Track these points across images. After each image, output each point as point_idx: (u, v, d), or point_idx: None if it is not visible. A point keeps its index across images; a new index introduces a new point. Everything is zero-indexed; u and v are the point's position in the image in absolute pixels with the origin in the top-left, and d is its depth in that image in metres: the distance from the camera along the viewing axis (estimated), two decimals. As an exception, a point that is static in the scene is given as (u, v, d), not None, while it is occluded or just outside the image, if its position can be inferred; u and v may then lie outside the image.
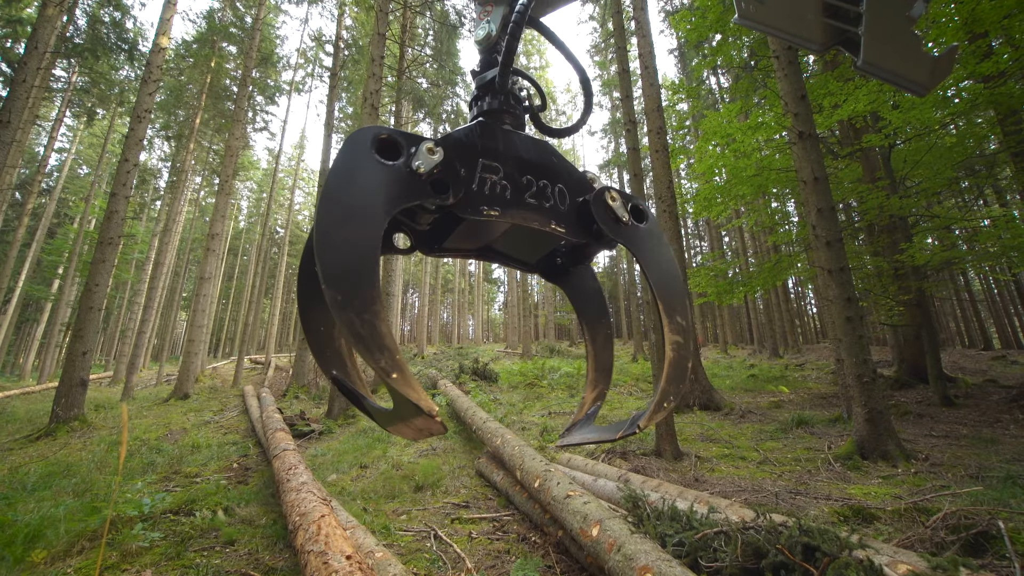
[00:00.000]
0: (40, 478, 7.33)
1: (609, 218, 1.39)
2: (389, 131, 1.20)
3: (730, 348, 30.98)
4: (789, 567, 2.62)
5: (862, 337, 7.40)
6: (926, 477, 6.31)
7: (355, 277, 1.05)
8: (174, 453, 9.05)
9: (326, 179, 1.11)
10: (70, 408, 11.23)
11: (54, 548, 4.37)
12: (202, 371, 22.66)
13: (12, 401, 18.15)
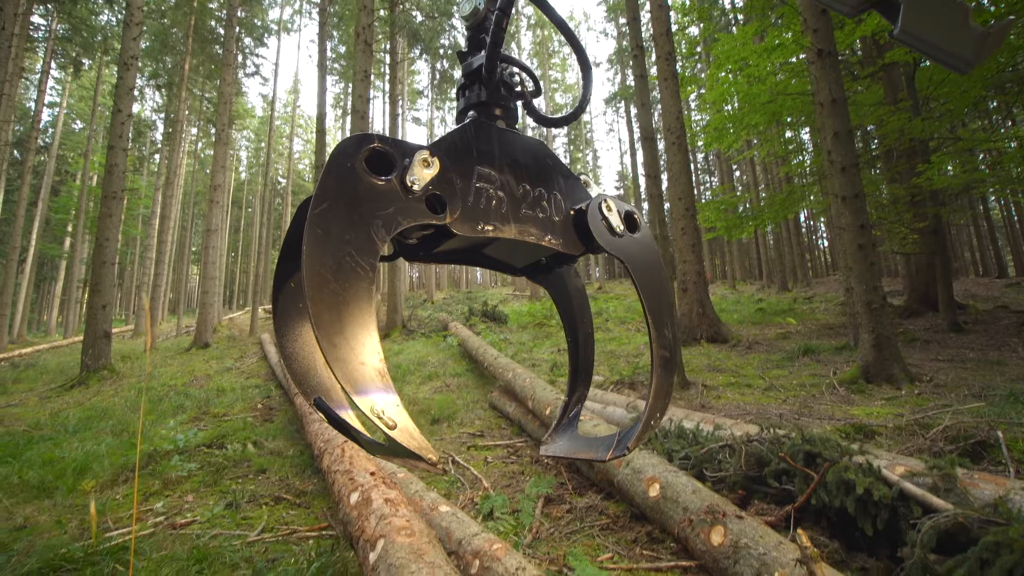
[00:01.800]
0: (79, 421, 7.76)
1: (605, 231, 1.35)
2: (379, 141, 1.09)
3: (738, 284, 30.97)
4: (790, 473, 2.76)
5: (873, 264, 7.34)
6: (929, 397, 6.45)
7: (347, 321, 0.97)
8: (201, 397, 9.47)
9: (312, 203, 0.97)
10: (98, 358, 11.68)
11: (100, 478, 4.71)
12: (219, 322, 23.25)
13: (43, 355, 18.91)
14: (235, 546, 3.25)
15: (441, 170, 1.13)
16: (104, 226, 12.17)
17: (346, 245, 0.99)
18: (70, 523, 3.85)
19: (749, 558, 2.13)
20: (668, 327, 1.35)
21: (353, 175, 1.03)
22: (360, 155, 1.05)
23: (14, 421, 8.29)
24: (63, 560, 3.07)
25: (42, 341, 23.47)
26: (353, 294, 0.99)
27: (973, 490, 2.26)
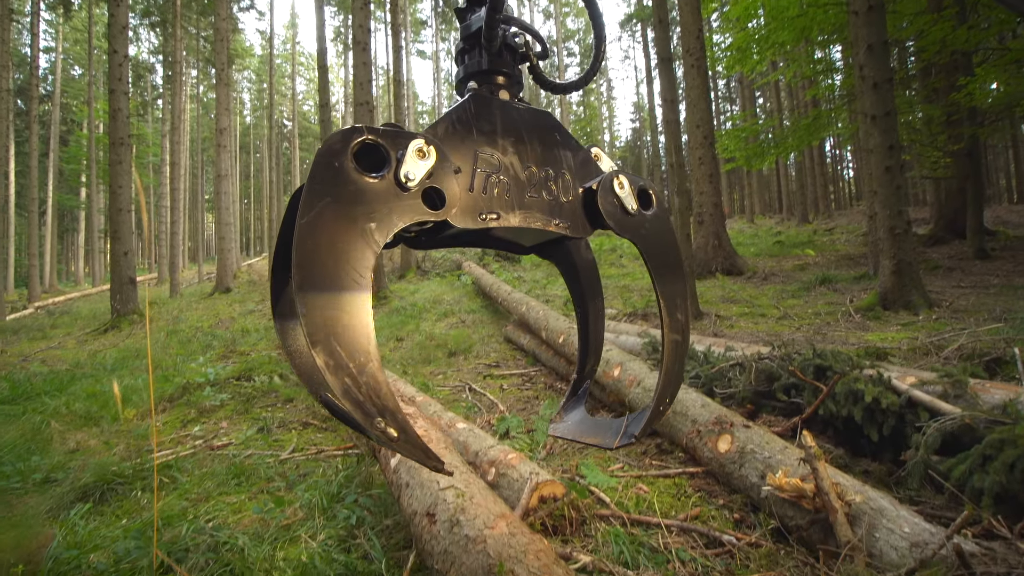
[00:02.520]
0: (116, 361, 8.18)
1: (617, 211, 1.27)
2: (369, 133, 0.99)
3: (757, 218, 30.19)
4: (799, 387, 2.80)
5: (899, 188, 7.04)
6: (947, 322, 6.38)
7: (347, 337, 0.92)
8: (227, 337, 9.84)
9: (299, 211, 0.91)
10: (126, 303, 12.09)
11: (141, 408, 5.02)
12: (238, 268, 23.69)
13: (75, 303, 19.67)
14: (268, 463, 3.48)
15: (439, 159, 1.03)
16: (115, 173, 12.18)
17: (339, 256, 0.92)
18: (117, 446, 4.16)
19: (754, 462, 2.21)
20: (681, 310, 1.32)
21: (342, 176, 0.93)
22: (348, 152, 0.95)
23: (56, 361, 8.78)
24: (115, 475, 3.33)
25: (72, 290, 24.34)
26: (349, 310, 0.92)
27: (983, 395, 2.27)
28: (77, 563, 2.27)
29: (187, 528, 2.46)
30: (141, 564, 2.22)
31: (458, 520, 1.40)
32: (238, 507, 2.86)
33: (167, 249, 22.62)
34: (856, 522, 1.72)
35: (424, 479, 1.72)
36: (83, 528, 2.68)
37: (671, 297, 1.32)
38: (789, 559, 1.83)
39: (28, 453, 3.92)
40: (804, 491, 1.82)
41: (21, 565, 2.13)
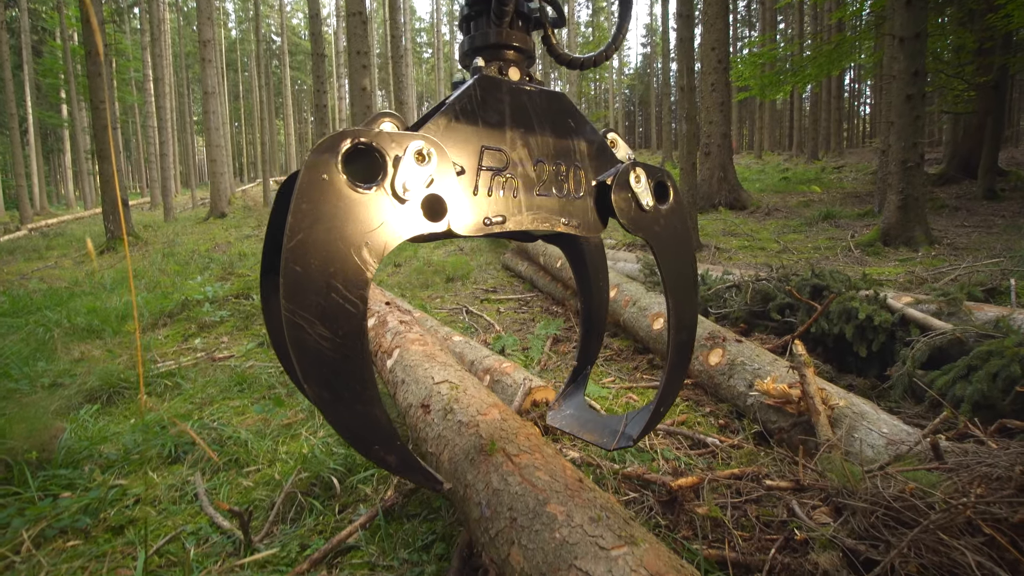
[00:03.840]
0: (114, 281, 8.19)
1: (631, 208, 1.18)
2: (362, 136, 0.86)
3: (765, 154, 29.33)
4: (794, 307, 2.81)
5: (919, 119, 6.74)
6: (945, 259, 6.36)
7: (339, 370, 0.86)
8: (225, 260, 9.81)
9: (288, 227, 0.80)
10: (119, 224, 11.93)
11: (142, 323, 5.08)
12: (232, 194, 23.22)
13: (68, 225, 19.43)
14: (270, 372, 3.57)
15: (440, 162, 0.93)
16: (95, 87, 11.55)
17: (331, 280, 0.84)
18: (120, 357, 4.24)
19: (744, 373, 2.27)
20: (689, 311, 1.27)
21: (331, 191, 0.84)
22: (337, 160, 0.84)
23: (54, 280, 8.79)
24: (120, 380, 3.42)
25: (64, 212, 23.98)
26: (343, 339, 0.85)
27: (977, 313, 2.29)
28: (89, 452, 2.37)
29: (192, 424, 2.56)
30: (150, 454, 2.32)
31: (452, 408, 1.44)
32: (241, 410, 2.96)
33: (157, 172, 22.02)
34: (837, 424, 1.78)
35: (419, 376, 1.77)
36: (93, 425, 2.79)
37: (680, 299, 1.26)
38: (768, 457, 1.91)
39: (34, 360, 4.01)
40: (790, 396, 1.87)
41: (35, 452, 2.23)
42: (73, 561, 1.59)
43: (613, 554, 0.84)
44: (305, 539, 1.69)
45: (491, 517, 1.06)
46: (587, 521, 0.93)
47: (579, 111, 1.22)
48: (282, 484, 1.96)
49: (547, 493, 1.02)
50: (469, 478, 1.16)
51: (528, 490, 1.04)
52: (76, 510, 1.86)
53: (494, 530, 1.03)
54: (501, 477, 1.11)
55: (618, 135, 1.37)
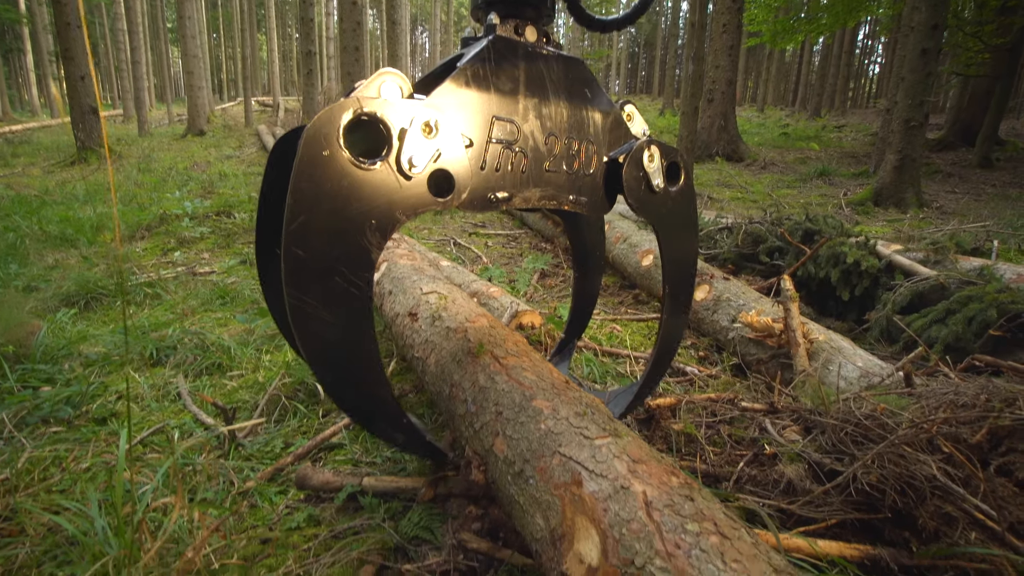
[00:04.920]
0: (87, 193, 7.84)
1: (641, 188, 1.15)
2: (365, 107, 0.78)
3: (767, 108, 28.64)
4: (783, 251, 2.83)
5: (930, 75, 6.56)
6: (932, 221, 6.42)
7: (344, 353, 0.85)
8: (204, 179, 9.43)
9: (288, 209, 0.73)
10: (90, 134, 11.29)
11: (118, 235, 4.92)
12: (211, 112, 22.02)
13: (34, 133, 18.32)
14: (253, 288, 3.52)
15: (448, 134, 0.87)
16: (57, -25, 10.51)
17: (335, 264, 0.81)
18: (98, 265, 4.13)
19: (728, 308, 2.30)
20: (685, 295, 1.28)
21: (332, 168, 0.78)
22: (338, 134, 0.78)
23: (23, 188, 8.39)
24: (97, 287, 3.35)
25: (30, 120, 22.54)
26: (347, 325, 0.84)
27: (963, 263, 2.33)
28: (68, 351, 2.34)
29: (174, 330, 2.53)
30: (131, 355, 2.30)
31: (440, 316, 1.44)
32: (223, 321, 2.94)
33: (129, 82, 20.64)
34: (814, 358, 1.83)
35: (407, 287, 1.74)
36: (71, 327, 2.74)
37: (680, 278, 1.26)
38: (743, 386, 1.98)
39: (5, 263, 3.88)
40: (772, 329, 1.91)
41: (11, 347, 2.19)
42: (57, 445, 1.60)
43: (597, 443, 0.86)
44: (289, 438, 1.72)
45: (476, 412, 1.07)
46: (572, 415, 0.94)
47: (596, 80, 1.16)
48: (266, 387, 1.97)
49: (533, 390, 1.04)
50: (456, 378, 1.17)
51: (515, 387, 1.05)
52: (58, 401, 1.85)
53: (479, 423, 1.05)
54: (488, 376, 1.11)
55: (635, 107, 1.31)
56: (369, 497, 1.32)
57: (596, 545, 0.71)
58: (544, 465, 0.86)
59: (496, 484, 0.98)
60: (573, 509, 0.77)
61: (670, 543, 0.65)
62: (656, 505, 0.71)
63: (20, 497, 1.34)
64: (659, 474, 0.77)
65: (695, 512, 0.69)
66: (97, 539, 1.04)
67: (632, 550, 0.67)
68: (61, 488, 1.40)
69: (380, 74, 0.88)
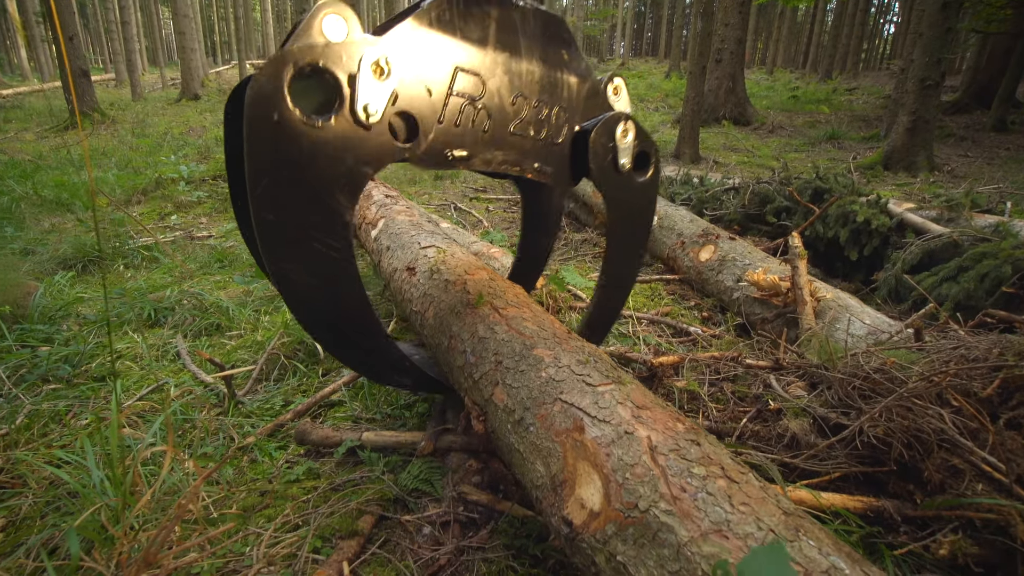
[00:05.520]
0: (82, 157, 7.71)
1: (607, 161, 1.09)
2: (307, 58, 0.70)
3: (777, 71, 27.75)
4: (791, 211, 2.75)
5: (950, 31, 6.28)
6: (943, 185, 6.28)
7: (338, 314, 0.88)
8: (200, 144, 9.25)
9: (248, 179, 0.70)
10: (83, 99, 11.04)
11: (114, 198, 4.85)
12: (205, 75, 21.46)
13: (26, 98, 17.92)
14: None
15: (404, 73, 0.81)
16: (37, -72, 10.02)
17: (308, 230, 0.79)
18: (92, 230, 4.08)
19: (733, 268, 2.25)
20: (620, 287, 1.32)
21: (285, 132, 0.72)
22: (283, 94, 0.71)
23: (16, 152, 8.25)
24: (95, 251, 3.31)
25: (20, 84, 22.01)
26: (334, 285, 0.83)
27: (978, 220, 2.27)
28: (65, 312, 2.33)
29: (172, 291, 2.50)
30: (127, 316, 2.29)
31: (438, 269, 1.40)
32: (222, 284, 2.91)
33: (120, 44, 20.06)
34: (821, 316, 1.79)
35: (405, 242, 1.70)
36: (68, 289, 2.72)
37: (619, 271, 1.28)
38: (746, 345, 1.95)
39: (1, 226, 3.83)
40: (779, 288, 1.87)
41: (8, 307, 2.17)
42: (56, 401, 1.59)
43: (600, 390, 0.84)
44: (288, 396, 1.72)
45: (475, 363, 1.05)
46: (574, 363, 0.92)
47: (575, 43, 1.07)
48: (265, 346, 1.96)
49: (534, 340, 1.01)
50: (454, 329, 1.14)
51: (515, 337, 1.02)
52: (56, 360, 1.84)
53: (478, 373, 1.02)
54: (488, 327, 1.08)
55: (625, 83, 1.23)
56: (368, 452, 1.31)
57: (599, 490, 0.69)
58: (545, 412, 0.84)
59: (496, 433, 0.96)
60: (575, 455, 0.75)
61: (675, 486, 0.63)
62: (661, 450, 0.68)
63: (21, 451, 1.34)
64: (664, 420, 0.74)
65: (701, 456, 0.67)
66: (95, 491, 1.04)
67: (636, 494, 0.65)
68: (61, 443, 1.40)
69: (320, 9, 0.79)
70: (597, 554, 0.66)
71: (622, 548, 0.63)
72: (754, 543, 0.55)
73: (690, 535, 0.58)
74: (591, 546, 0.67)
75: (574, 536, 0.69)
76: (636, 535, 0.62)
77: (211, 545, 0.91)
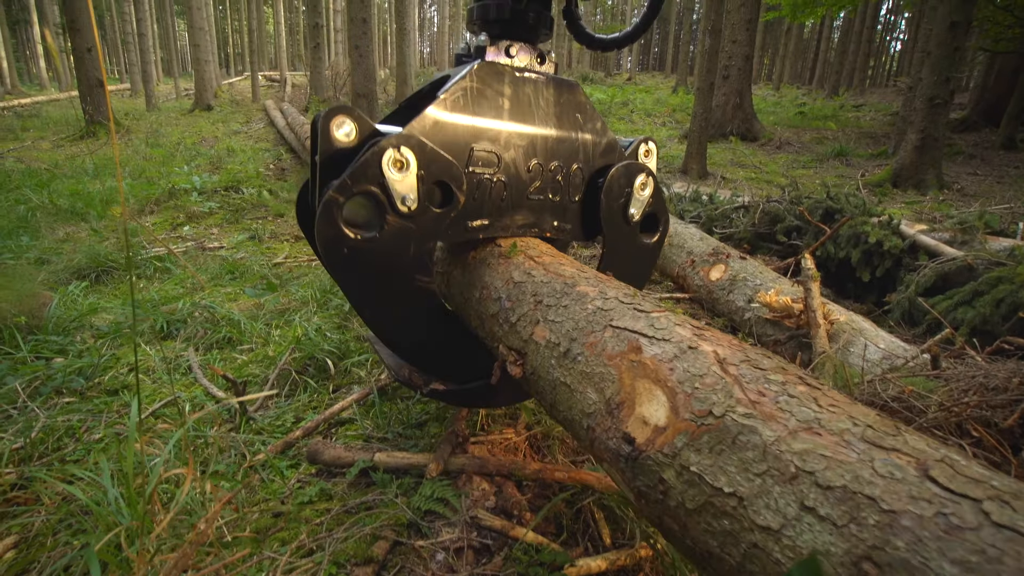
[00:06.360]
0: (97, 167, 7.83)
1: (617, 206, 1.11)
2: (342, 192, 0.84)
3: (783, 87, 27.87)
4: (801, 230, 2.75)
5: (958, 50, 6.30)
6: (953, 204, 6.26)
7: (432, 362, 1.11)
8: (213, 155, 9.38)
9: (348, 298, 0.94)
10: (98, 107, 11.23)
11: (127, 207, 4.91)
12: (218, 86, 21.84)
13: (43, 107, 18.28)
14: (262, 264, 3.51)
15: (423, 158, 0.91)
16: (60, -57, 10.31)
17: (402, 308, 0.97)
18: (107, 239, 4.13)
19: (744, 288, 2.24)
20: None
21: (356, 256, 0.88)
22: (343, 232, 0.86)
23: (33, 161, 8.39)
24: (108, 260, 3.35)
25: (38, 93, 22.47)
26: (431, 328, 1.06)
27: (992, 243, 2.25)
28: (79, 323, 2.35)
29: (184, 303, 2.52)
30: (142, 328, 2.30)
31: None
32: (233, 296, 2.93)
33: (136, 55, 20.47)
34: (834, 339, 1.78)
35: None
36: (82, 300, 2.74)
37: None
38: (760, 368, 1.94)
39: (17, 235, 3.89)
40: (791, 309, 1.86)
41: (24, 317, 2.19)
42: (70, 415, 1.60)
43: (654, 315, 0.79)
44: (299, 412, 1.72)
45: (511, 307, 0.98)
46: (622, 295, 0.87)
47: (590, 104, 1.12)
48: (276, 361, 1.96)
49: (576, 279, 0.95)
50: (487, 279, 1.07)
51: (554, 278, 0.97)
52: (70, 372, 1.86)
53: (515, 316, 0.96)
54: (524, 271, 1.02)
55: (656, 147, 1.25)
56: (381, 473, 1.31)
57: (663, 404, 0.64)
58: (594, 340, 0.79)
59: (536, 374, 0.90)
60: (632, 375, 0.70)
61: (752, 392, 0.58)
62: (731, 360, 0.64)
63: (34, 466, 1.34)
64: (728, 339, 0.70)
65: (776, 366, 0.62)
66: (110, 509, 1.04)
67: (708, 401, 0.60)
68: (75, 458, 1.40)
69: (332, 115, 0.90)
70: (665, 470, 0.60)
71: (696, 458, 0.58)
72: (851, 438, 0.49)
73: (776, 434, 0.52)
74: (658, 462, 0.61)
75: (637, 455, 0.64)
76: (712, 442, 0.57)
77: (226, 570, 0.90)
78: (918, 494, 0.40)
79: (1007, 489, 0.39)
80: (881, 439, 0.47)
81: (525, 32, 1.05)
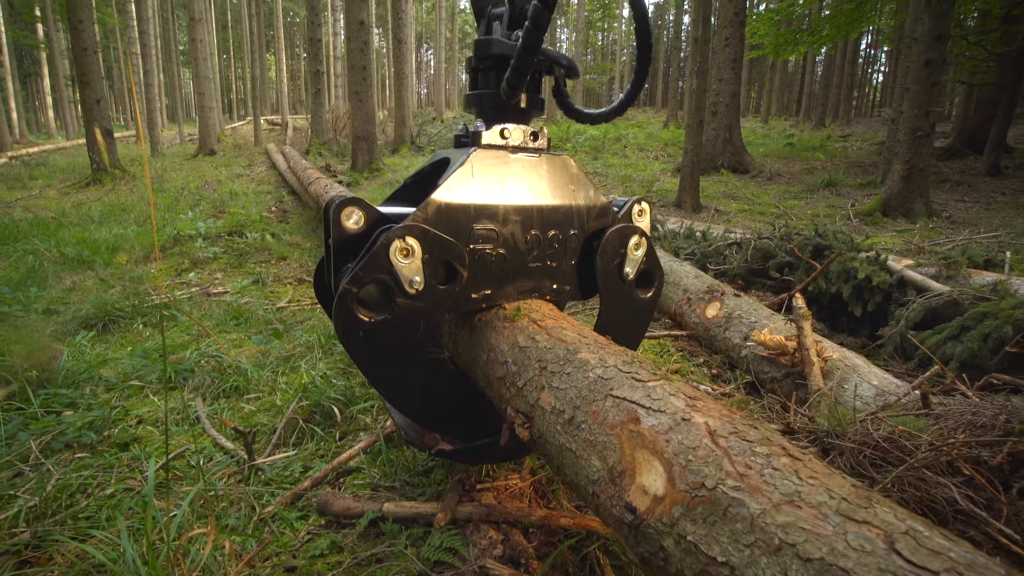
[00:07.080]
0: (102, 213, 7.99)
1: (612, 264, 1.16)
2: (355, 283, 0.94)
3: (771, 119, 28.71)
4: (793, 266, 2.83)
5: (935, 85, 6.58)
6: (942, 231, 6.39)
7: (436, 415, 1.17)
8: (215, 198, 9.58)
9: (367, 377, 1.14)
10: (104, 157, 11.53)
11: (133, 255, 5.01)
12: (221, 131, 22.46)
13: (50, 155, 18.74)
14: (266, 308, 3.57)
15: (426, 244, 0.98)
16: (73, 4, 10.85)
17: (417, 378, 1.06)
18: (114, 287, 4.20)
19: (740, 325, 2.30)
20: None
21: (374, 340, 0.97)
22: (359, 320, 0.95)
23: (40, 210, 8.56)
24: (115, 310, 3.41)
25: (46, 142, 23.08)
26: (444, 389, 1.15)
27: (976, 278, 2.32)
28: (88, 375, 2.39)
29: (191, 353, 2.57)
30: (150, 378, 2.34)
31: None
32: (238, 343, 2.97)
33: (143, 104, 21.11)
34: (829, 376, 1.83)
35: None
36: (90, 350, 2.79)
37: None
38: (758, 406, 1.97)
39: (25, 286, 3.96)
40: (785, 347, 1.91)
41: (35, 372, 2.23)
42: (82, 471, 1.62)
43: (650, 384, 0.84)
44: (307, 461, 1.74)
45: (517, 371, 1.04)
46: (621, 363, 0.92)
47: (582, 175, 1.20)
48: (283, 410, 2.00)
49: (577, 344, 1.01)
50: (492, 342, 1.14)
51: (557, 344, 1.02)
52: (81, 426, 1.89)
53: (522, 381, 1.02)
54: (528, 336, 1.08)
55: (649, 207, 1.31)
56: (390, 523, 1.33)
57: (660, 475, 0.69)
58: (596, 409, 0.84)
59: (543, 437, 0.95)
60: (632, 445, 0.75)
61: (740, 464, 0.63)
62: (720, 432, 0.69)
63: (48, 524, 1.36)
64: (718, 408, 0.75)
65: (762, 438, 0.67)
66: (127, 568, 1.06)
67: (700, 474, 0.65)
68: (87, 515, 1.42)
69: (342, 206, 0.99)
70: (665, 538, 0.64)
71: (691, 528, 0.62)
72: (828, 511, 0.54)
73: (762, 507, 0.57)
74: (658, 530, 0.65)
75: (639, 523, 0.68)
76: (705, 513, 0.61)
77: (244, 630, 0.92)
78: (885, 567, 0.45)
79: (962, 560, 0.44)
80: (854, 512, 0.53)
81: (518, 116, 1.14)
